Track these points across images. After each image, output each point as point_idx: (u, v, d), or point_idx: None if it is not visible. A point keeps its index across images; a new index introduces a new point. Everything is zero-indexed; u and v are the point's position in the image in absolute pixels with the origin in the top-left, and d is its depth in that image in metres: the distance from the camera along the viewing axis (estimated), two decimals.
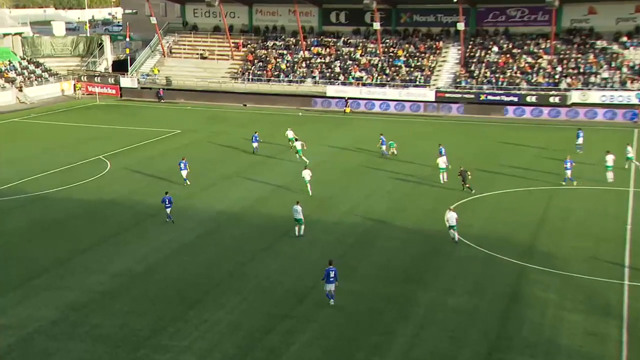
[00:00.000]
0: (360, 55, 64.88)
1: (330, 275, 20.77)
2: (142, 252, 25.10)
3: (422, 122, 54.04)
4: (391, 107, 58.38)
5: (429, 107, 57.63)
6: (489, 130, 49.81)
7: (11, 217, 28.76)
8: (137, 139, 45.85)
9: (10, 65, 64.81)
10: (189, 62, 68.93)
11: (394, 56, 63.70)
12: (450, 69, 61.21)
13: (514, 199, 31.83)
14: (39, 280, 22.26)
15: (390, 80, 60.80)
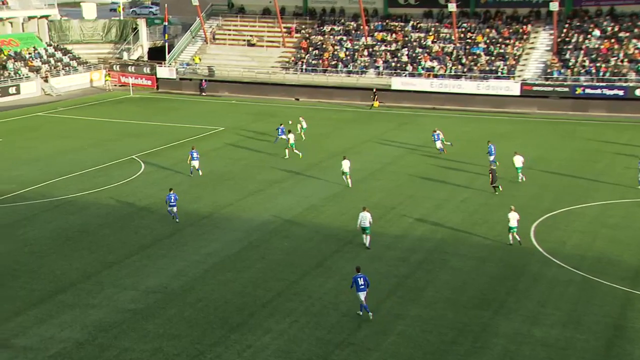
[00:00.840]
0: (432, 42, 64.40)
1: (359, 283, 21.41)
2: (178, 267, 25.62)
3: (504, 120, 53.13)
4: (467, 102, 57.62)
5: (512, 102, 56.55)
6: (587, 130, 48.47)
7: (34, 224, 29.94)
8: (174, 137, 46.96)
9: (35, 52, 67.54)
10: (234, 50, 70.14)
11: (472, 43, 62.91)
12: (540, 58, 59.92)
13: (617, 213, 30.84)
14: (63, 296, 23.05)
15: (467, 71, 60.04)
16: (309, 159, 41.21)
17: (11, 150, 43.03)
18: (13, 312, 21.75)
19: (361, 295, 21.50)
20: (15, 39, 67.37)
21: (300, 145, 42.66)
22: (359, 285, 21.46)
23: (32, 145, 44.52)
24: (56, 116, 54.82)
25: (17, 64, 63.92)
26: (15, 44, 66.73)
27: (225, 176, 37.73)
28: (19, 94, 61.48)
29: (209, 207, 32.40)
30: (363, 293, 21.48)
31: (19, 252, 26.70)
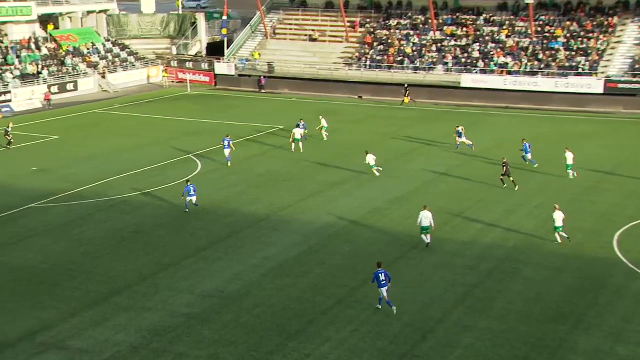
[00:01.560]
0: (506, 36, 63.32)
1: (381, 279, 22.38)
2: (235, 270, 25.95)
3: (585, 120, 51.76)
4: (543, 101, 56.35)
5: (595, 101, 54.99)
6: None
7: (89, 224, 30.87)
8: (233, 136, 47.59)
9: (93, 47, 69.71)
10: (295, 45, 70.68)
11: (550, 37, 61.51)
12: (627, 53, 58.09)
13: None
14: (118, 298, 23.68)
15: (544, 67, 58.73)
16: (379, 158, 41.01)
17: (67, 148, 44.52)
18: (69, 314, 22.48)
19: (383, 291, 22.34)
20: (74, 34, 69.66)
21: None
22: (380, 280, 22.36)
23: (88, 143, 45.94)
24: (113, 113, 56.42)
25: (75, 59, 66.10)
26: (74, 39, 69.00)
27: (283, 177, 38.02)
28: (76, 90, 63.56)
29: (267, 209, 32.70)
30: (385, 288, 22.36)
31: (74, 252, 27.59)
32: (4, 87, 57.87)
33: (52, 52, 65.93)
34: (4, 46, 62.61)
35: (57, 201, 33.73)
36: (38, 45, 65.41)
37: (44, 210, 32.52)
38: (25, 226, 30.27)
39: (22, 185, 36.09)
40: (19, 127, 50.48)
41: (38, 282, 24.68)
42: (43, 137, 47.15)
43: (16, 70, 60.42)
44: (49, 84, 61.21)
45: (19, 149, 44.04)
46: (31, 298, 23.43)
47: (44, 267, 26.04)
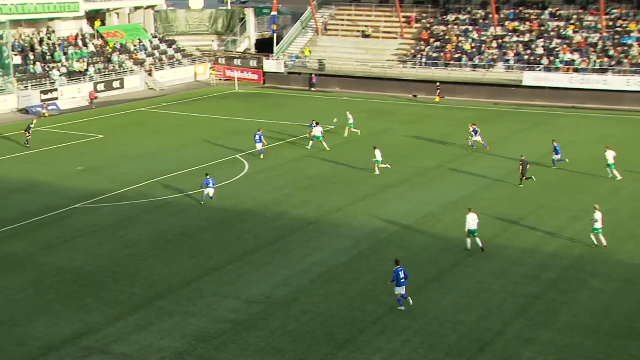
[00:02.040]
0: (573, 31, 62.17)
1: (401, 277, 23.12)
2: (283, 276, 26.12)
3: None
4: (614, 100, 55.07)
5: None
6: None
7: (134, 226, 31.48)
8: (281, 136, 47.96)
9: (140, 44, 71.08)
10: (347, 42, 70.77)
11: (622, 32, 60.10)
12: None
13: None
14: (163, 302, 24.08)
15: (615, 64, 57.41)
16: (428, 162, 40.83)
17: (113, 147, 45.49)
18: (113, 317, 22.97)
19: (402, 290, 23.11)
20: (121, 31, 71.17)
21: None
22: (400, 278, 23.05)
23: (134, 142, 46.86)
24: (159, 112, 57.42)
25: (122, 56, 67.52)
26: (121, 36, 70.48)
27: (334, 179, 38.08)
28: (122, 88, 64.92)
29: (316, 212, 32.81)
30: (403, 287, 23.12)
31: (119, 254, 28.18)
32: (50, 84, 59.46)
33: (99, 49, 67.49)
34: (52, 43, 64.34)
35: (103, 201, 34.51)
36: (85, 42, 67.04)
37: (90, 210, 33.32)
38: (71, 226, 31.06)
39: (68, 185, 37.04)
40: (65, 125, 51.88)
41: (83, 284, 25.29)
42: (89, 136, 48.29)
43: (63, 67, 62.01)
44: (95, 81, 62.67)
45: (64, 148, 45.20)
46: (76, 300, 24.01)
47: (89, 268, 26.67)
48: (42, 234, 30.17)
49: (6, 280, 25.49)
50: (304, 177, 38.33)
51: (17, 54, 60.03)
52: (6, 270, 26.38)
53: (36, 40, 63.79)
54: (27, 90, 57.54)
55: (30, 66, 60.27)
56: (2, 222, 31.28)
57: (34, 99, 57.20)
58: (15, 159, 42.38)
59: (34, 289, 24.85)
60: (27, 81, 58.36)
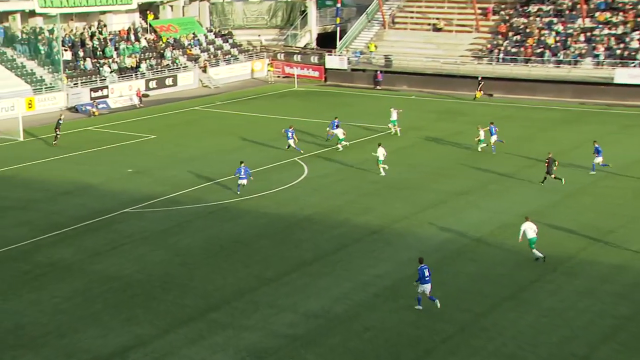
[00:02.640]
0: None
1: (425, 275, 24.05)
2: (343, 288, 26.14)
3: None
4: None
5: None
6: None
7: (187, 232, 31.99)
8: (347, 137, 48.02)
9: (194, 39, 72.26)
10: (416, 36, 70.53)
11: None
12: None
13: None
14: (216, 315, 24.39)
15: None
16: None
17: (165, 148, 46.35)
18: (163, 329, 23.38)
19: (427, 288, 24.07)
20: (175, 25, 72.53)
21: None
22: (424, 276, 24.03)
23: (187, 142, 47.64)
24: (213, 111, 58.28)
25: (175, 52, 68.79)
26: (175, 30, 71.83)
27: (400, 185, 37.96)
28: (175, 85, 66.17)
29: (380, 220, 32.75)
30: (428, 285, 24.09)
31: (170, 263, 28.69)
32: (100, 81, 61.01)
33: (151, 44, 68.91)
34: (103, 37, 65.96)
35: (153, 206, 35.20)
36: (137, 36, 68.52)
37: (139, 215, 34.03)
38: (120, 232, 31.78)
39: (117, 188, 37.92)
40: (115, 125, 53.13)
41: (133, 294, 25.84)
42: (140, 136, 49.34)
43: (114, 63, 63.52)
44: (146, 78, 64.04)
45: (114, 148, 46.28)
46: (125, 311, 24.54)
47: (139, 277, 27.24)
48: (90, 239, 30.97)
49: (54, 287, 26.25)
50: (366, 182, 38.31)
51: (67, 49, 61.73)
52: (54, 277, 27.16)
53: (87, 34, 65.48)
54: (77, 87, 59.15)
55: (80, 62, 61.94)
56: (50, 226, 32.23)
57: (84, 96, 58.77)
58: (64, 159, 43.63)
59: (81, 297, 25.51)
60: (77, 78, 59.99)
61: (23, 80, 56.98)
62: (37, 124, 49.27)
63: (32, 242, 30.39)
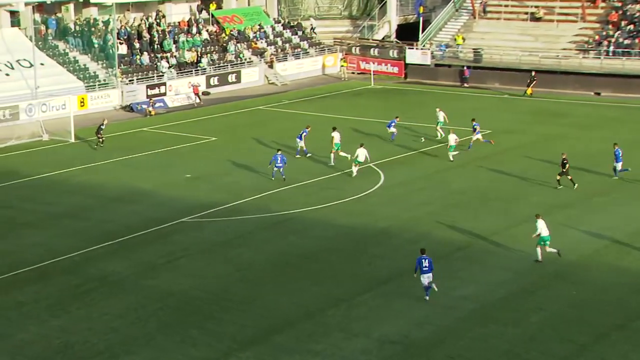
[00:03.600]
0: None
1: (423, 265, 26.30)
2: (424, 311, 25.93)
3: None
4: None
5: None
6: None
7: (249, 245, 32.21)
8: (426, 141, 47.74)
9: (260, 31, 72.96)
10: (511, 27, 69.78)
11: None
12: None
13: None
14: (280, 338, 24.42)
15: None
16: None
17: (227, 151, 46.83)
18: (222, 352, 23.53)
19: (426, 279, 26.21)
20: (239, 15, 73.35)
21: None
22: (423, 267, 26.22)
23: (250, 145, 48.03)
24: (280, 111, 58.68)
25: (239, 45, 69.57)
26: (239, 21, 72.66)
27: (490, 195, 37.56)
28: (239, 82, 66.90)
29: (467, 235, 32.46)
30: (428, 275, 26.23)
31: (230, 278, 28.92)
32: (158, 78, 62.10)
33: (213, 37, 69.87)
34: (161, 29, 67.15)
35: (213, 215, 35.58)
36: (198, 28, 69.57)
37: (197, 225, 34.45)
38: (176, 244, 32.23)
39: (173, 195, 38.48)
40: (172, 125, 53.98)
41: (189, 312, 26.12)
42: (198, 138, 50.00)
43: (172, 58, 64.59)
44: (207, 74, 64.94)
45: (171, 151, 47.00)
46: (181, 331, 24.82)
47: (195, 294, 27.54)
48: (144, 251, 31.49)
49: (105, 303, 26.76)
50: (451, 192, 37.95)
51: (122, 42, 62.95)
52: (105, 292, 27.70)
53: (144, 26, 66.74)
54: (133, 84, 60.31)
55: (136, 56, 63.15)
56: (101, 236, 32.91)
57: (140, 94, 59.86)
58: (117, 163, 44.47)
59: (134, 315, 25.93)
60: (132, 74, 61.20)
61: (75, 76, 58.36)
62: (89, 124, 50.39)
63: (82, 253, 31.06)
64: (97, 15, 64.73)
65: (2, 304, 26.60)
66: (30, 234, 33.31)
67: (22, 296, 27.16)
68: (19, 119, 51.28)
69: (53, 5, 62.95)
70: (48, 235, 33.23)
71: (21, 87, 54.57)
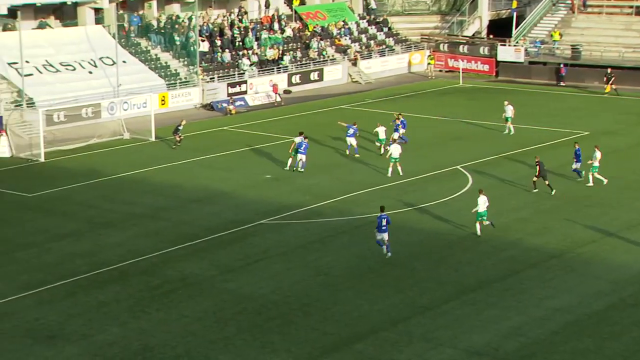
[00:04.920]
0: None
1: (382, 224, 29.93)
2: (514, 322, 25.60)
3: None
4: None
5: None
6: None
7: (329, 249, 32.29)
8: (516, 143, 47.18)
9: (344, 27, 73.09)
10: (614, 22, 68.45)
11: None
12: None
13: None
14: (362, 346, 24.33)
15: None
16: None
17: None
18: (303, 359, 23.68)
19: (383, 235, 30.02)
20: (323, 11, 73.66)
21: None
22: (381, 225, 29.94)
23: (331, 146, 48.06)
24: (362, 110, 58.61)
25: (322, 42, 69.85)
26: (322, 17, 72.97)
27: (587, 200, 37.04)
28: (321, 80, 67.20)
29: (561, 242, 32.00)
30: (385, 233, 29.98)
31: (310, 283, 29.04)
32: (239, 76, 62.82)
33: (296, 34, 70.31)
34: (243, 26, 67.91)
35: (292, 217, 35.79)
36: (281, 24, 70.12)
37: (277, 227, 34.71)
38: (255, 246, 32.54)
39: (253, 196, 38.86)
40: (253, 124, 54.50)
41: (268, 317, 26.32)
42: (279, 137, 50.32)
43: (254, 55, 65.25)
44: (289, 72, 65.38)
45: (251, 151, 47.48)
46: (260, 336, 25.02)
47: (275, 298, 27.75)
48: (223, 253, 31.88)
49: (184, 306, 27.18)
50: (544, 197, 37.40)
51: (204, 39, 63.89)
52: (184, 294, 28.12)
53: (226, 23, 67.63)
54: (213, 82, 61.16)
55: (217, 54, 64.00)
56: (181, 237, 33.45)
57: (221, 92, 60.67)
58: (196, 162, 45.14)
59: (213, 318, 26.25)
60: (213, 72, 62.06)
61: (157, 74, 59.42)
62: (169, 123, 51.25)
63: (161, 254, 31.64)
64: (179, 12, 65.83)
65: (83, 303, 27.30)
66: (110, 233, 34.09)
67: (103, 296, 27.83)
68: (100, 117, 52.48)
69: (136, 3, 64.35)
70: (127, 235, 33.94)
71: (103, 85, 55.84)
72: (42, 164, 44.84)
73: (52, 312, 26.53)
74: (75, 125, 50.77)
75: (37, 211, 36.96)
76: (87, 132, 49.46)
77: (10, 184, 40.84)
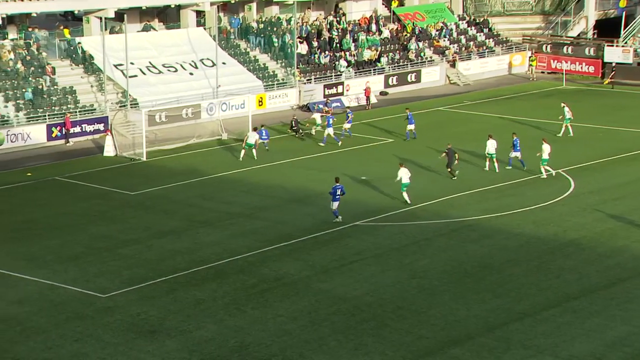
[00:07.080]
0: None
1: (336, 194, 34.18)
2: (619, 332, 25.06)
3: None
4: None
5: None
6: None
7: (425, 252, 32.09)
8: (622, 147, 46.11)
9: (444, 29, 72.52)
10: None
11: None
12: None
13: None
14: (457, 351, 24.17)
15: None
16: None
17: (403, 153, 46.66)
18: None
19: (335, 204, 34.33)
20: (422, 12, 73.21)
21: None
22: (336, 195, 34.19)
23: (427, 148, 47.67)
24: (460, 112, 58.16)
25: (420, 44, 69.43)
26: (421, 18, 72.53)
27: None
28: (418, 82, 66.78)
29: None
30: (337, 202, 34.27)
31: (405, 286, 28.88)
32: (336, 77, 62.99)
33: (394, 35, 70.09)
34: (341, 28, 68.14)
35: (387, 219, 35.69)
36: (379, 25, 70.03)
37: (371, 229, 34.64)
38: (350, 248, 32.53)
39: (348, 198, 38.49)
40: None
41: (362, 319, 26.29)
42: (374, 139, 50.27)
43: (351, 56, 65.35)
44: (386, 73, 65.20)
45: (346, 152, 47.51)
46: (354, 337, 25.01)
47: (369, 300, 27.68)
48: (317, 254, 31.99)
49: (279, 305, 27.39)
50: None
51: (302, 41, 64.37)
52: (279, 294, 28.34)
53: (324, 24, 67.94)
54: (310, 83, 61.47)
55: (315, 55, 64.33)
56: (278, 237, 33.72)
57: (317, 94, 60.89)
58: (292, 163, 45.43)
59: (307, 319, 26.38)
60: (310, 73, 62.40)
61: (255, 75, 60.12)
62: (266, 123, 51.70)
63: (258, 254, 31.94)
64: (279, 14, 66.47)
65: (182, 300, 27.80)
66: (208, 232, 34.61)
67: (201, 293, 28.26)
68: (200, 118, 53.36)
69: (237, 5, 65.28)
70: (225, 234, 34.38)
71: (203, 86, 56.78)
72: (144, 163, 45.85)
73: (153, 308, 27.11)
74: (175, 125, 51.74)
75: (139, 209, 37.80)
76: (187, 132, 50.32)
77: (114, 182, 41.87)
